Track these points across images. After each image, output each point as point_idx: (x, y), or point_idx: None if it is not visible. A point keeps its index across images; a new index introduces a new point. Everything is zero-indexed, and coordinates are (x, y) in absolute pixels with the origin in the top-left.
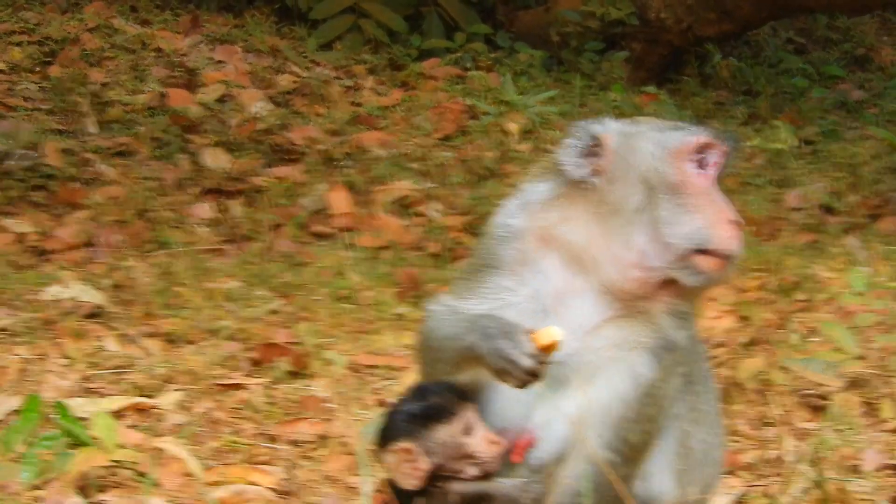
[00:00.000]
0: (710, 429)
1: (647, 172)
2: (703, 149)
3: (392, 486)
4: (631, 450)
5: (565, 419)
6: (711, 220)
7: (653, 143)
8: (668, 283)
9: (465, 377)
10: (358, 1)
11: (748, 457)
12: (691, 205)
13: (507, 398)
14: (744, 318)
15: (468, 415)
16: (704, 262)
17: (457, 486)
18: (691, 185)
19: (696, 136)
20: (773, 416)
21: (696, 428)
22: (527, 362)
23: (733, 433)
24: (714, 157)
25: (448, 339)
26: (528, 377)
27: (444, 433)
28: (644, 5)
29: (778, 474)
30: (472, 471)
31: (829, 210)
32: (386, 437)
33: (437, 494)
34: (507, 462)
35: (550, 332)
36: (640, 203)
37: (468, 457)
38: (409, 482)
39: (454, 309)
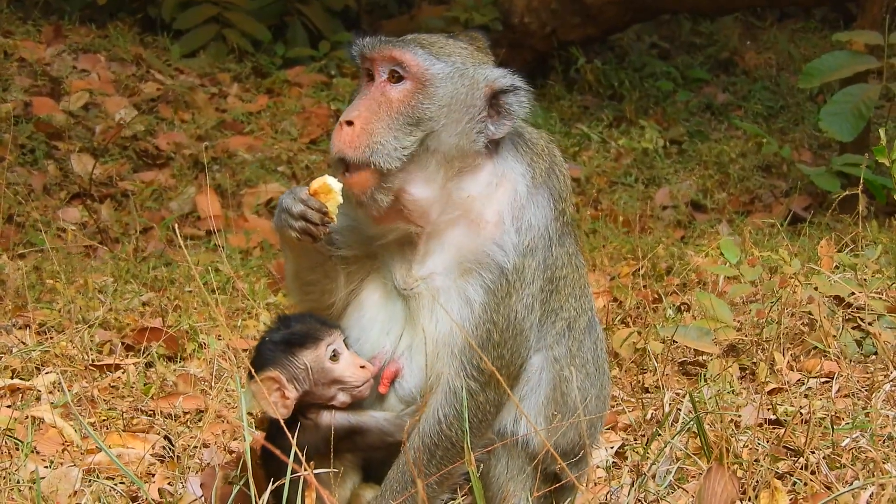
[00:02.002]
0: (590, 378)
1: None
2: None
3: (264, 455)
4: (486, 376)
5: (422, 349)
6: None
7: None
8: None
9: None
10: (222, 11)
11: (626, 418)
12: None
13: (369, 331)
14: (616, 300)
15: (333, 340)
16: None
17: (328, 417)
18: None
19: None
20: (650, 382)
21: (576, 374)
22: (296, 207)
23: (612, 398)
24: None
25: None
26: (301, 222)
27: (309, 358)
28: (508, 10)
29: (657, 431)
30: (342, 397)
31: (697, 207)
32: (254, 368)
33: (309, 428)
34: (376, 393)
35: (321, 179)
36: None
37: (336, 382)
38: (279, 411)
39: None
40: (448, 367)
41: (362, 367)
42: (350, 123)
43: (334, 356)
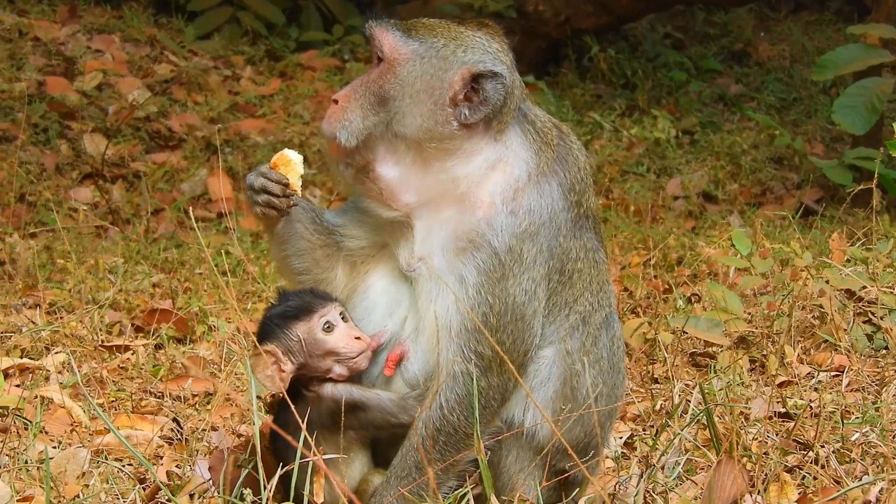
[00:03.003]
0: (603, 375)
1: None
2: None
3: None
4: (485, 361)
5: (426, 333)
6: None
7: None
8: None
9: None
10: None
11: (636, 408)
12: None
13: (372, 312)
14: (627, 290)
15: (327, 312)
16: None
17: (330, 389)
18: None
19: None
20: (660, 373)
21: (588, 370)
22: (257, 181)
23: (620, 408)
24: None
25: None
26: (264, 195)
27: (302, 329)
28: None
29: (667, 423)
30: (338, 369)
31: (709, 198)
32: (254, 344)
33: (313, 401)
34: (383, 377)
35: (280, 152)
36: None
37: (330, 353)
38: (275, 385)
39: None
40: (446, 351)
41: (357, 338)
42: (335, 101)
43: (328, 327)
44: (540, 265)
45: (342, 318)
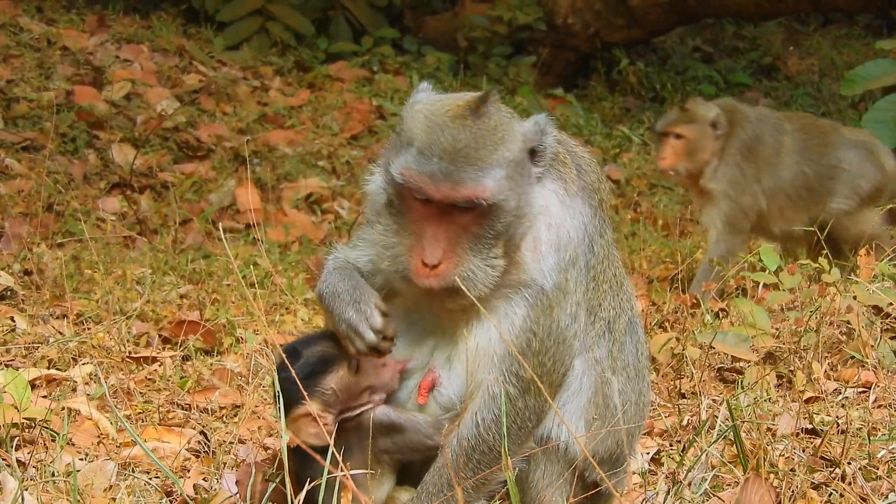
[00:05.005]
0: (631, 382)
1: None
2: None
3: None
4: (525, 382)
5: (461, 359)
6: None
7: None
8: None
9: None
10: (265, 4)
11: (663, 423)
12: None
13: (404, 341)
14: (654, 304)
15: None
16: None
17: (368, 416)
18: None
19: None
20: (687, 388)
21: (616, 378)
22: (368, 336)
23: (648, 413)
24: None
25: (323, 296)
26: (370, 350)
27: (333, 381)
28: (552, 11)
29: (694, 439)
30: (376, 398)
31: None
32: (285, 407)
33: (351, 428)
34: (416, 404)
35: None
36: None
37: (365, 390)
38: (322, 440)
39: (343, 258)
40: (488, 374)
41: (382, 364)
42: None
43: (355, 368)
44: (580, 285)
45: None
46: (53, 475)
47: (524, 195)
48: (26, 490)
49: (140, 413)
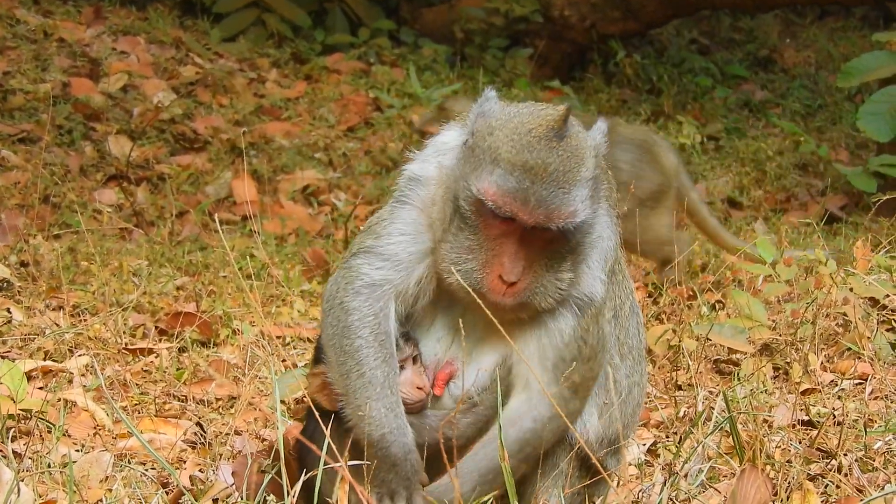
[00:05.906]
0: (636, 364)
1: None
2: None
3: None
4: (576, 386)
5: (482, 354)
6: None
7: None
8: None
9: None
10: None
11: (659, 415)
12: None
13: (432, 339)
14: (651, 296)
15: (403, 353)
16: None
17: None
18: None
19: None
20: (683, 379)
21: (623, 362)
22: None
23: (645, 395)
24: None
25: (349, 373)
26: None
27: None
28: (548, 2)
29: (690, 430)
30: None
31: (733, 204)
32: (312, 362)
33: None
34: (432, 396)
35: None
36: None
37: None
38: (331, 403)
39: (370, 281)
40: (541, 376)
41: (420, 387)
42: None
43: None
44: (609, 288)
45: (413, 361)
46: (49, 466)
47: (596, 207)
48: (22, 481)
49: (136, 404)
